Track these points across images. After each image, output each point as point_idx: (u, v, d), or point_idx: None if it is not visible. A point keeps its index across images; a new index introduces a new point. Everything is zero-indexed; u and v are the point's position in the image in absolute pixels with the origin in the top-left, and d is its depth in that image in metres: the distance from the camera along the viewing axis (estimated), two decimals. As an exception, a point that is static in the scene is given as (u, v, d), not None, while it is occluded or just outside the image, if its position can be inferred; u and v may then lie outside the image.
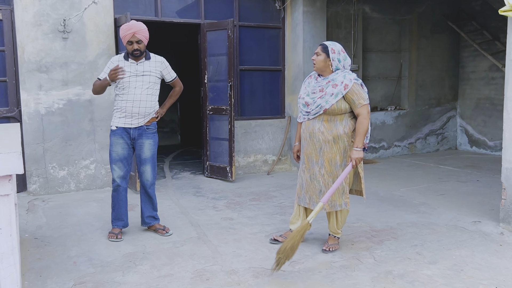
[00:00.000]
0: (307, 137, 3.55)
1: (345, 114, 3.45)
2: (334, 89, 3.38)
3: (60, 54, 5.52)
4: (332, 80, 3.43)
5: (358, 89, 3.41)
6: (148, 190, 4.03)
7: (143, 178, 4.01)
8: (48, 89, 5.49)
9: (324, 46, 3.49)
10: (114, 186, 3.94)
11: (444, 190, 5.52)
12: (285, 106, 7.12)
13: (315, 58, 3.49)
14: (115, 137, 3.88)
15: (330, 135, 3.44)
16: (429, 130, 8.37)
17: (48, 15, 5.42)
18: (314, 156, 3.51)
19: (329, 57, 3.44)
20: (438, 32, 8.28)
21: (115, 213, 3.99)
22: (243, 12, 6.76)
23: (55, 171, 5.61)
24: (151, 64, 3.90)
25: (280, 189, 5.77)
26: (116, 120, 3.88)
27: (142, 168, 3.98)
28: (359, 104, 3.39)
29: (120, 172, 3.91)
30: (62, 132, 5.60)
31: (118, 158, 3.89)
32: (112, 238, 3.90)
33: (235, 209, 4.89)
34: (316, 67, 3.51)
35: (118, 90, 3.86)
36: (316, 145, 3.49)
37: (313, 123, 3.50)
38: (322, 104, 3.40)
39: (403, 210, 4.73)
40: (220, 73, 6.29)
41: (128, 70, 3.81)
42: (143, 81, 3.85)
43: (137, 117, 3.86)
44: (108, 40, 5.73)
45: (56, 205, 5.10)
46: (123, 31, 3.77)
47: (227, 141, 6.29)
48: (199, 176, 6.68)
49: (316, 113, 3.45)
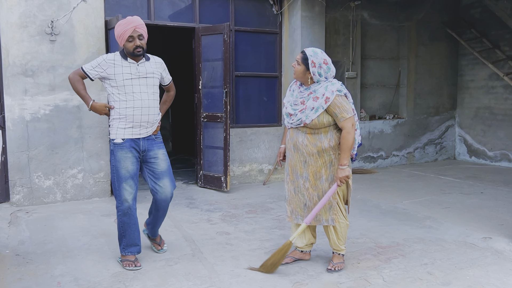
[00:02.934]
0: (291, 148, 3.33)
1: (330, 126, 3.21)
2: (314, 102, 3.13)
3: (47, 57, 5.23)
4: (314, 92, 3.17)
5: (341, 102, 3.13)
6: (168, 206, 3.59)
7: (162, 195, 3.48)
8: (34, 94, 5.20)
9: (304, 56, 3.18)
10: (125, 208, 3.37)
11: (448, 203, 5.31)
12: (282, 113, 6.89)
13: (295, 66, 3.23)
14: (123, 151, 3.35)
15: (314, 148, 3.21)
16: (427, 139, 8.19)
17: (35, 16, 5.15)
18: (299, 168, 3.29)
19: (309, 70, 3.17)
20: (436, 39, 8.13)
21: (128, 239, 3.44)
22: (239, 17, 6.53)
23: (40, 181, 5.30)
24: (151, 65, 3.49)
25: (277, 201, 5.52)
26: (121, 131, 3.36)
27: (160, 183, 3.48)
28: (342, 118, 3.12)
29: (132, 191, 3.37)
30: (48, 140, 5.30)
31: (129, 175, 3.36)
32: (131, 267, 3.39)
33: (231, 222, 4.63)
34: (295, 76, 3.26)
35: (119, 96, 3.34)
36: (301, 158, 3.27)
37: (296, 135, 3.28)
38: (303, 118, 3.16)
39: (408, 224, 4.50)
40: (215, 79, 6.05)
41: (128, 72, 3.35)
42: (147, 84, 3.42)
43: (146, 126, 3.42)
44: (99, 43, 5.47)
45: (40, 217, 4.80)
46: (122, 26, 3.33)
47: (222, 149, 6.03)
48: (192, 186, 6.40)
49: (297, 125, 3.23)
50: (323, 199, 3.18)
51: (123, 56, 3.40)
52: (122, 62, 3.38)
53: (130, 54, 3.36)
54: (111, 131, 3.42)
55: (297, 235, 3.26)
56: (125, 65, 3.37)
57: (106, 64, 3.35)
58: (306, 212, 3.27)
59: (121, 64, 3.37)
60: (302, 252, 3.50)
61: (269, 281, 3.18)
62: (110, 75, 3.35)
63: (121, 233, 3.49)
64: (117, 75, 3.35)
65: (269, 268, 3.26)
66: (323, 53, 3.21)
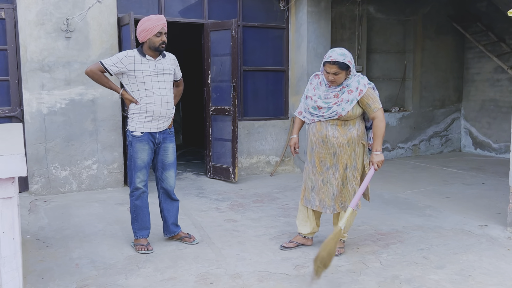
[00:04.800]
0: (319, 141, 3.47)
1: (358, 117, 3.44)
2: (349, 95, 3.32)
3: (63, 53, 5.47)
4: (347, 86, 3.35)
5: (373, 93, 3.37)
6: (173, 195, 3.86)
7: (167, 184, 3.79)
8: (50, 88, 5.45)
9: (340, 64, 3.25)
10: (138, 193, 3.67)
11: (449, 193, 5.46)
12: (289, 107, 7.07)
13: (335, 78, 3.30)
14: (141, 144, 3.60)
15: (344, 139, 3.39)
16: (433, 132, 8.31)
17: (51, 14, 5.38)
18: (329, 160, 3.46)
19: (349, 69, 3.31)
20: (442, 33, 8.22)
21: (139, 223, 3.72)
22: (247, 12, 6.71)
23: (57, 171, 5.57)
24: (167, 61, 3.69)
25: (283, 191, 5.72)
26: (140, 125, 3.58)
27: (166, 174, 3.76)
28: (375, 108, 3.36)
29: (144, 178, 3.67)
30: (64, 132, 5.56)
31: (143, 165, 3.64)
32: (143, 251, 3.63)
33: (238, 211, 4.84)
34: (337, 83, 3.36)
35: (139, 92, 3.54)
36: (331, 150, 3.44)
37: (325, 128, 3.43)
38: (339, 111, 3.33)
39: (408, 213, 4.68)
40: (224, 74, 6.25)
41: (147, 69, 3.55)
42: (164, 80, 3.62)
43: (163, 120, 3.64)
44: (111, 40, 5.69)
45: (58, 206, 5.06)
46: (152, 22, 3.49)
47: (230, 142, 6.24)
48: (201, 177, 6.63)
49: (329, 117, 3.39)
50: (363, 183, 3.27)
51: (141, 53, 3.59)
52: (141, 59, 3.57)
53: (155, 49, 3.55)
54: (130, 124, 3.64)
55: (346, 221, 3.16)
56: (144, 62, 3.57)
57: (127, 60, 3.54)
58: (333, 202, 3.47)
59: (140, 61, 3.56)
60: (305, 237, 3.70)
61: (272, 264, 3.39)
62: (130, 71, 3.55)
63: (133, 217, 3.76)
64: (137, 71, 3.54)
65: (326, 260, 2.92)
66: (343, 48, 3.37)
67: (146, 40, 3.55)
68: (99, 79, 3.62)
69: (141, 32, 3.55)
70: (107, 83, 3.65)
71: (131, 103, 3.63)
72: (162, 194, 3.87)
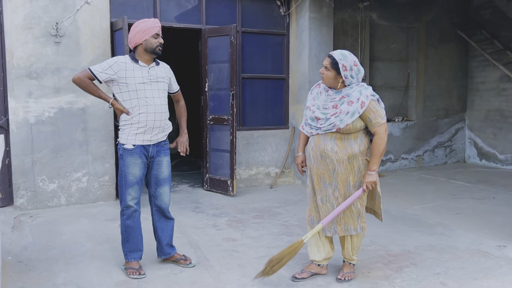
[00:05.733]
0: (317, 156, 3.16)
1: (360, 131, 3.11)
2: (349, 106, 3.00)
3: (52, 59, 5.17)
4: (347, 96, 3.04)
5: (375, 106, 3.04)
6: (167, 214, 3.55)
7: (161, 201, 3.47)
8: (38, 96, 5.14)
9: (333, 61, 3.04)
10: (130, 212, 3.34)
11: (459, 208, 5.19)
12: (289, 116, 6.79)
13: (324, 72, 3.08)
14: (132, 157, 3.28)
15: (344, 154, 3.07)
16: (437, 142, 8.06)
17: (40, 18, 5.09)
18: (327, 177, 3.15)
19: (340, 74, 3.04)
20: (446, 41, 7.99)
21: (131, 245, 3.39)
22: (246, 18, 6.44)
23: (45, 184, 5.24)
24: (161, 69, 3.42)
25: (284, 205, 5.43)
26: (132, 136, 3.27)
27: (160, 190, 3.45)
28: (376, 124, 3.03)
29: (136, 195, 3.34)
30: (52, 143, 5.24)
31: (135, 181, 3.31)
32: (135, 275, 3.31)
33: (238, 228, 4.54)
34: (325, 81, 3.12)
35: (130, 101, 3.25)
36: (329, 166, 3.12)
37: (324, 141, 3.12)
38: (336, 123, 3.02)
39: (418, 231, 4.39)
40: (222, 81, 5.96)
41: (140, 76, 3.26)
42: (158, 88, 3.33)
43: (157, 132, 3.35)
44: (104, 45, 5.40)
45: (44, 222, 4.73)
46: (149, 23, 3.25)
47: (228, 152, 5.95)
48: (198, 189, 6.32)
49: (327, 130, 3.09)
50: (344, 203, 3.06)
51: (133, 59, 3.30)
52: (133, 65, 3.28)
53: (151, 51, 3.28)
54: (121, 136, 3.33)
55: (311, 236, 3.11)
56: (136, 68, 3.28)
57: (118, 66, 3.24)
58: (334, 223, 3.16)
59: (132, 67, 3.28)
60: (319, 266, 3.35)
61: (277, 291, 3.09)
62: (121, 78, 3.25)
63: (124, 237, 3.43)
64: (129, 78, 3.25)
65: (276, 266, 3.07)
66: (352, 54, 3.10)
67: (142, 42, 3.26)
68: (87, 87, 3.31)
69: (136, 34, 3.26)
70: (96, 91, 3.34)
71: (122, 114, 3.33)
72: (155, 213, 3.57)
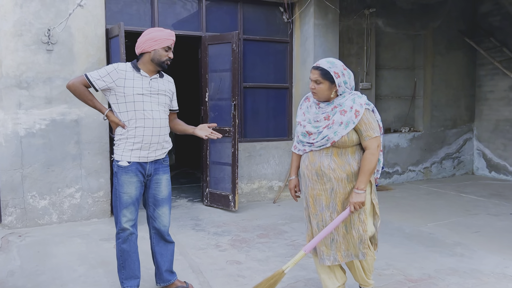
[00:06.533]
0: (312, 175, 2.82)
1: (356, 145, 2.79)
2: (342, 116, 2.69)
3: (43, 68, 4.87)
4: (340, 105, 2.74)
5: (368, 118, 2.72)
6: (167, 237, 3.23)
7: (160, 223, 3.16)
8: (28, 107, 4.84)
9: (323, 71, 2.72)
10: (125, 236, 3.03)
11: (477, 226, 4.89)
12: (292, 127, 6.51)
13: (315, 87, 2.75)
14: (127, 175, 2.98)
15: (343, 172, 2.74)
16: (444, 153, 7.78)
17: (31, 24, 4.80)
18: (324, 198, 2.81)
19: (334, 83, 2.72)
20: (453, 49, 7.75)
21: (127, 271, 3.08)
22: (248, 25, 6.18)
23: (35, 201, 4.92)
24: (164, 82, 3.13)
25: (289, 222, 5.12)
26: (127, 152, 2.98)
27: (158, 211, 3.15)
28: (367, 137, 2.70)
29: (132, 217, 3.03)
30: (43, 156, 4.93)
31: (131, 202, 3.01)
32: None
33: (242, 248, 4.22)
34: (318, 96, 2.78)
35: (127, 113, 2.96)
36: (327, 185, 2.78)
37: (319, 158, 2.79)
38: (330, 135, 2.70)
39: (437, 251, 4.09)
40: (223, 91, 5.68)
41: (140, 86, 2.97)
42: (159, 102, 3.04)
43: (155, 148, 3.05)
44: (99, 53, 5.11)
45: (34, 242, 4.41)
46: (164, 34, 2.99)
47: (229, 166, 5.64)
48: (197, 204, 6.00)
49: (321, 146, 2.76)
50: (329, 226, 2.71)
51: (135, 67, 3.02)
52: (134, 74, 2.99)
53: (158, 63, 3.01)
54: (116, 152, 3.03)
55: (292, 265, 2.74)
56: (136, 78, 2.99)
57: (117, 74, 2.95)
58: (333, 250, 2.83)
59: (132, 76, 2.99)
60: None
61: (290, 326, 2.78)
62: (119, 88, 2.95)
63: (120, 263, 3.11)
64: (127, 88, 2.95)
65: None
66: (337, 59, 2.80)
67: (150, 51, 2.98)
68: (82, 95, 3.01)
69: (147, 41, 2.98)
70: (91, 100, 3.03)
71: (117, 127, 3.03)
72: (154, 235, 3.25)
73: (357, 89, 6.83)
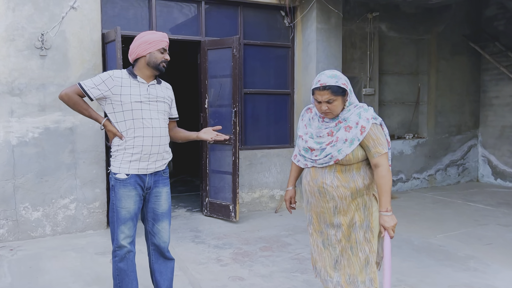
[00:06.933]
0: (315, 192, 2.62)
1: (362, 161, 2.56)
2: (347, 133, 2.48)
3: (36, 74, 4.69)
4: (344, 121, 2.52)
5: (376, 133, 2.50)
6: (167, 254, 3.02)
7: (159, 239, 2.95)
8: (21, 115, 4.64)
9: (333, 88, 2.47)
10: (123, 253, 2.81)
11: (488, 237, 4.71)
12: (294, 134, 6.32)
13: (329, 108, 2.49)
14: (126, 189, 2.78)
15: (347, 189, 2.53)
16: (449, 160, 7.61)
17: (24, 29, 4.61)
18: (328, 216, 2.61)
19: (346, 94, 2.51)
20: (458, 53, 7.60)
21: None
22: (248, 29, 6.01)
23: (28, 213, 4.71)
24: (162, 89, 2.95)
25: (293, 233, 4.93)
26: (126, 164, 2.78)
27: (158, 226, 2.93)
28: (376, 153, 2.48)
29: (130, 233, 2.82)
30: (37, 166, 4.73)
31: (129, 217, 2.80)
32: None
33: (244, 263, 4.03)
34: (333, 115, 2.53)
35: (125, 123, 2.77)
36: (330, 203, 2.57)
37: (322, 175, 2.58)
38: (334, 153, 2.50)
39: (449, 265, 3.90)
40: (223, 97, 5.50)
41: (137, 93, 2.78)
42: (158, 109, 2.85)
43: (155, 159, 2.84)
44: (94, 59, 4.92)
45: (26, 256, 4.20)
46: (157, 36, 2.82)
47: (230, 174, 5.45)
48: (196, 214, 5.81)
49: (324, 163, 2.55)
50: (387, 258, 2.46)
51: (131, 74, 2.83)
52: (130, 81, 2.81)
53: (155, 66, 2.83)
54: (113, 164, 2.83)
55: None
56: (133, 85, 2.81)
57: (113, 82, 2.76)
58: (338, 273, 2.61)
59: (129, 83, 2.80)
60: None
61: None
62: (116, 96, 2.76)
63: (116, 283, 2.90)
64: (124, 96, 2.76)
65: None
66: (334, 70, 2.60)
67: (145, 55, 2.80)
68: (76, 105, 2.81)
69: (141, 44, 2.80)
70: (86, 110, 2.83)
71: (115, 137, 2.84)
72: (153, 252, 3.04)
73: (360, 95, 6.66)
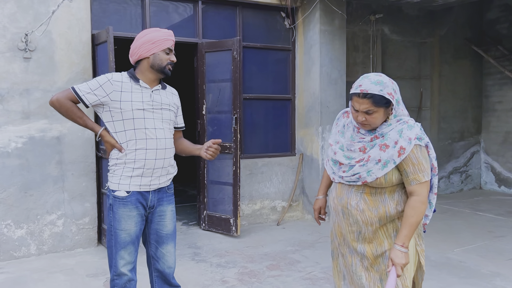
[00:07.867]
0: (338, 211, 2.29)
1: (398, 185, 2.18)
2: (382, 152, 2.11)
3: (20, 78, 4.28)
4: (382, 137, 2.14)
5: (418, 157, 2.09)
6: (172, 281, 2.64)
7: (164, 265, 2.60)
8: (2, 123, 4.23)
9: (375, 98, 2.08)
10: (122, 283, 2.47)
11: (509, 251, 4.43)
12: (296, 141, 6.00)
13: (367, 119, 2.12)
14: (126, 208, 2.44)
15: (374, 215, 2.18)
16: (452, 167, 7.37)
17: (6, 29, 4.21)
18: (351, 240, 2.26)
19: (390, 107, 2.12)
20: (460, 57, 7.38)
21: None
22: (247, 31, 5.67)
23: (10, 231, 4.28)
24: (167, 95, 2.61)
25: (300, 249, 4.59)
26: (126, 180, 2.44)
27: (162, 250, 2.59)
28: (414, 181, 2.10)
29: (131, 259, 2.48)
30: (20, 179, 4.31)
31: (130, 240, 2.46)
32: None
33: (252, 284, 3.67)
34: (371, 127, 2.16)
35: (126, 134, 2.43)
36: (353, 227, 2.24)
37: (347, 194, 2.24)
38: (362, 174, 2.15)
39: (473, 284, 3.60)
40: (222, 103, 5.15)
41: (139, 100, 2.44)
42: (162, 118, 2.51)
43: (159, 174, 2.50)
44: (84, 61, 4.53)
45: (8, 280, 3.78)
46: (162, 34, 2.48)
47: (230, 185, 5.09)
48: (194, 228, 5.43)
49: (351, 182, 2.21)
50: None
51: (133, 78, 2.48)
52: (132, 86, 2.46)
53: (159, 69, 2.49)
54: (111, 180, 2.47)
55: None
56: (135, 90, 2.45)
57: (112, 86, 2.41)
58: None
59: (130, 88, 2.45)
60: None
61: None
62: (115, 103, 2.40)
63: None
64: (124, 102, 2.40)
65: None
66: (381, 74, 2.20)
67: (148, 56, 2.46)
68: (69, 112, 2.45)
69: (143, 44, 2.45)
70: (80, 118, 2.47)
71: (113, 149, 2.47)
72: (156, 279, 2.67)
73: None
